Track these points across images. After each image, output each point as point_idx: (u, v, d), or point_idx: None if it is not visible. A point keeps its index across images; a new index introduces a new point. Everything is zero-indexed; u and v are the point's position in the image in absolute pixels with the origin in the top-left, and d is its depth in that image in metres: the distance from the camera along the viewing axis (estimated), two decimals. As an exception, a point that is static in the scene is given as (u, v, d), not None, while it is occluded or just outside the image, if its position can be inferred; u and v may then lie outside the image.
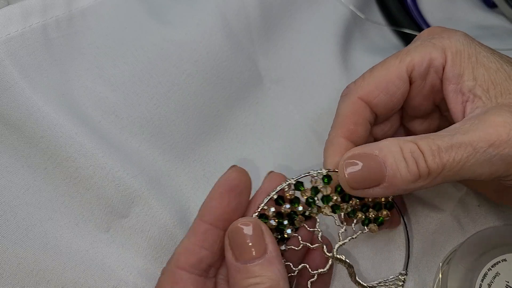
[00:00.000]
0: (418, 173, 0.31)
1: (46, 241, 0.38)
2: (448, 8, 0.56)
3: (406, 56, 0.36)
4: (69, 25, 0.42)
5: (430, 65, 0.36)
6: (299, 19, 0.50)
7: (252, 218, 0.34)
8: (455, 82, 0.35)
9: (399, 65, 0.36)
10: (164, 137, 0.43)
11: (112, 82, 0.42)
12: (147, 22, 0.44)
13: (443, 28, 0.38)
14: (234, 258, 0.32)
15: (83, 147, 0.38)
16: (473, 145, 0.30)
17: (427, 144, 0.31)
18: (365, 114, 0.37)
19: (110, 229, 0.40)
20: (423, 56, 0.36)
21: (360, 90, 0.37)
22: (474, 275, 0.38)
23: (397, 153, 0.31)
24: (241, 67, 0.46)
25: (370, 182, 0.32)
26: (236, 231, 0.32)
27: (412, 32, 0.53)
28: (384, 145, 0.32)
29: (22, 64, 0.39)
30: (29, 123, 0.38)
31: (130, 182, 0.39)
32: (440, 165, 0.31)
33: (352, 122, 0.37)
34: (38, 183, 0.39)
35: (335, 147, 0.36)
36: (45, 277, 0.37)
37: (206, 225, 0.34)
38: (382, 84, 0.36)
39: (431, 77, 0.36)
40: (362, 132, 0.37)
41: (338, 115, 0.38)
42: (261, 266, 0.31)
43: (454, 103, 0.35)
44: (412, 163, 0.31)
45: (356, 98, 0.37)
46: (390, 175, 0.31)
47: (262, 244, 0.32)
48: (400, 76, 0.36)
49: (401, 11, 0.54)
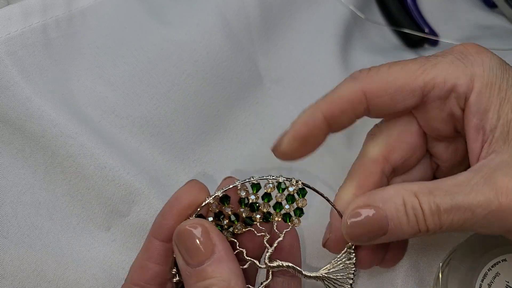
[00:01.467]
0: (418, 229, 0.31)
1: (47, 241, 0.38)
2: (448, 8, 0.56)
3: (430, 69, 0.33)
4: (69, 25, 0.42)
5: (453, 89, 0.33)
6: (299, 19, 0.50)
7: (197, 219, 0.32)
8: (479, 118, 0.32)
9: (419, 77, 0.33)
10: (164, 137, 0.43)
11: (112, 82, 0.42)
12: (147, 22, 0.45)
13: (478, 49, 0.34)
14: (185, 262, 0.31)
15: (83, 147, 0.38)
16: (472, 210, 0.30)
17: (427, 202, 0.31)
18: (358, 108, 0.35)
19: (111, 228, 0.40)
20: (448, 78, 0.33)
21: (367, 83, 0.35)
22: (474, 275, 0.38)
23: (400, 207, 0.31)
24: (241, 67, 0.46)
25: (373, 234, 0.32)
26: (183, 234, 0.31)
27: (412, 32, 0.53)
28: (388, 196, 0.32)
29: (22, 64, 0.39)
30: (29, 122, 0.38)
31: (130, 181, 0.39)
32: (438, 226, 0.31)
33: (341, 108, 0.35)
34: (39, 183, 0.39)
35: (308, 119, 0.35)
36: (46, 277, 0.37)
37: (158, 241, 0.33)
38: (391, 88, 0.34)
39: (451, 102, 0.34)
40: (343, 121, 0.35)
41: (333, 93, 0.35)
42: (211, 267, 0.30)
43: (473, 141, 0.33)
44: (413, 219, 0.31)
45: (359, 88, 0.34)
46: (392, 228, 0.31)
47: (209, 244, 0.31)
48: (413, 90, 0.34)
49: (401, 11, 0.54)
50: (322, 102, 0.35)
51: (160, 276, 0.33)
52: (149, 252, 0.33)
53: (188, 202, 0.33)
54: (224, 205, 0.33)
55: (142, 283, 0.33)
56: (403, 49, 0.54)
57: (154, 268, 0.33)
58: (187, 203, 0.33)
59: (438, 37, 0.54)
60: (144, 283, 0.33)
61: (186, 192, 0.33)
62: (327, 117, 0.35)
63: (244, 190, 0.33)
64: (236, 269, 0.31)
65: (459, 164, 0.37)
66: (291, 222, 0.35)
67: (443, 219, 0.30)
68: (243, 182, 0.33)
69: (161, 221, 0.33)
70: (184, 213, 0.33)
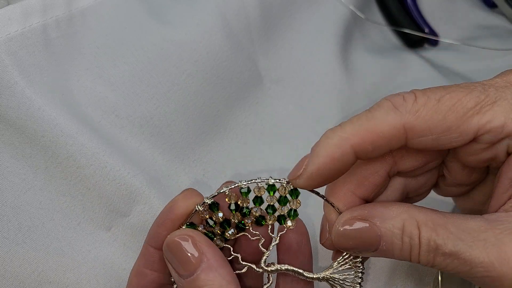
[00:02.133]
0: (409, 257, 0.30)
1: (48, 242, 0.38)
2: (448, 8, 0.56)
3: (489, 109, 0.29)
4: (69, 25, 0.42)
5: (508, 136, 0.29)
6: (299, 19, 0.50)
7: (183, 230, 0.32)
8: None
9: (473, 116, 0.29)
10: (164, 137, 0.43)
11: (112, 82, 0.42)
12: (147, 22, 0.44)
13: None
14: (177, 274, 0.31)
15: (84, 147, 0.38)
16: (472, 266, 0.28)
17: (427, 238, 0.29)
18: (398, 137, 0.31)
19: (111, 228, 0.40)
20: (508, 124, 0.29)
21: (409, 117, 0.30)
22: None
23: (397, 231, 0.29)
24: (241, 67, 0.46)
25: (361, 248, 0.31)
26: (170, 246, 0.31)
27: (412, 32, 0.53)
28: (389, 216, 0.30)
29: (22, 64, 0.39)
30: (30, 122, 0.38)
31: (131, 181, 0.39)
32: (431, 263, 0.29)
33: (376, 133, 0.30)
34: (39, 183, 0.39)
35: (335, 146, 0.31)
36: (47, 277, 0.37)
37: (153, 249, 0.33)
38: (437, 128, 0.29)
39: (500, 146, 0.30)
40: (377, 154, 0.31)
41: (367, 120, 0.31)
42: (202, 275, 0.30)
43: (503, 190, 0.30)
44: (406, 247, 0.29)
45: (401, 123, 0.30)
46: (383, 248, 0.30)
47: (197, 253, 0.31)
48: (463, 133, 0.29)
49: (401, 11, 0.54)
50: (352, 131, 0.30)
51: (156, 282, 0.33)
52: (146, 259, 0.33)
53: (181, 211, 0.32)
54: (214, 212, 0.33)
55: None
56: (403, 49, 0.54)
57: (151, 274, 0.33)
58: (181, 212, 0.32)
59: (438, 37, 0.54)
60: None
61: (180, 201, 0.33)
62: (356, 150, 0.30)
63: (233, 196, 0.33)
64: (227, 274, 0.30)
65: (466, 185, 0.35)
66: (286, 224, 0.34)
67: (438, 260, 0.29)
68: (231, 187, 0.33)
69: (156, 230, 0.33)
70: (176, 222, 0.32)
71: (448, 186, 0.35)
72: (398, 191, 0.35)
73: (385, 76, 0.51)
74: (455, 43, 0.53)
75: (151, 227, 0.33)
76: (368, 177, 0.33)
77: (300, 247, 0.34)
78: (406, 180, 0.35)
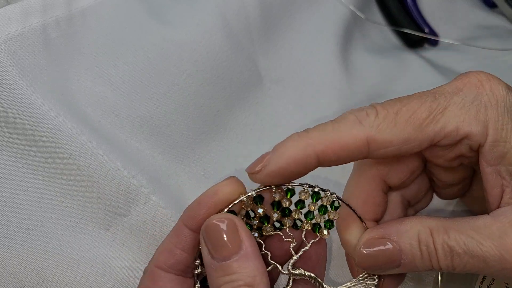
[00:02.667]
0: (431, 265, 0.31)
1: (47, 241, 0.38)
2: (448, 8, 0.56)
3: (440, 117, 0.31)
4: (69, 25, 0.42)
5: (465, 137, 0.31)
6: (299, 19, 0.50)
7: (227, 214, 0.32)
8: (494, 164, 0.31)
9: (427, 126, 0.31)
10: (164, 137, 0.43)
11: (112, 82, 0.42)
12: (147, 22, 0.44)
13: (492, 84, 0.32)
14: (210, 256, 0.31)
15: (83, 147, 0.38)
16: (487, 262, 0.29)
17: (441, 242, 0.30)
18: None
19: (110, 227, 0.40)
20: (460, 126, 0.31)
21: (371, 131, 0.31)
22: (474, 276, 0.38)
23: (414, 242, 0.31)
24: (241, 67, 0.46)
25: (386, 266, 0.32)
26: (210, 227, 0.31)
27: (412, 32, 0.53)
28: (404, 230, 0.32)
29: (21, 64, 0.39)
30: (29, 122, 0.38)
31: (130, 180, 0.39)
32: (451, 267, 0.30)
33: None
34: (39, 183, 0.39)
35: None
36: (46, 276, 0.37)
37: (187, 229, 0.33)
38: (397, 140, 0.31)
39: (462, 147, 0.32)
40: None
41: None
42: (237, 263, 0.30)
43: (492, 185, 0.31)
44: (426, 256, 0.31)
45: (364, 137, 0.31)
46: (406, 262, 0.31)
47: (237, 240, 0.31)
48: (421, 142, 0.31)
49: (401, 11, 0.54)
50: (318, 139, 0.32)
51: (184, 263, 0.33)
52: (178, 238, 0.33)
53: (225, 197, 0.33)
54: (257, 205, 0.33)
55: (165, 267, 0.33)
56: (403, 49, 0.54)
57: (181, 255, 0.33)
58: (224, 198, 0.33)
59: (438, 37, 0.54)
60: (168, 268, 0.33)
61: (226, 187, 0.33)
62: (319, 156, 0.32)
63: (278, 193, 0.33)
64: (261, 267, 0.31)
65: (458, 184, 0.37)
66: (320, 233, 0.35)
67: (456, 262, 0.30)
68: (279, 185, 0.33)
69: (195, 211, 0.33)
70: (218, 207, 0.33)
71: (443, 189, 0.37)
72: (399, 203, 0.36)
73: (385, 76, 0.51)
74: (455, 43, 0.53)
75: (189, 207, 0.34)
76: (368, 200, 0.35)
77: (318, 259, 0.36)
78: (401, 191, 0.36)
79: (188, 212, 0.33)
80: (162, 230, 0.40)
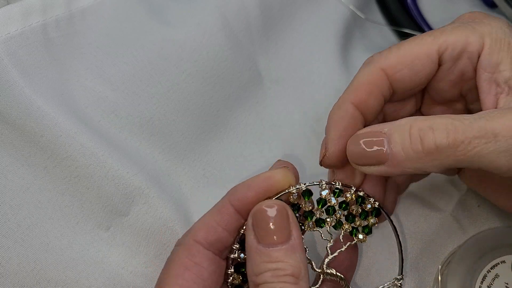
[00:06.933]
0: (421, 150, 0.30)
1: (47, 240, 0.38)
2: (448, 8, 0.56)
3: (440, 35, 0.34)
4: (69, 25, 0.42)
5: (465, 49, 0.33)
6: (299, 19, 0.50)
7: (280, 201, 0.32)
8: (490, 71, 0.33)
9: (431, 43, 0.34)
10: (164, 136, 0.43)
11: (112, 82, 0.42)
12: (147, 22, 0.44)
13: (485, 14, 0.35)
14: (256, 240, 0.31)
15: (83, 146, 0.38)
16: (495, 132, 0.28)
17: (443, 122, 0.30)
18: (382, 87, 0.35)
19: (110, 227, 0.40)
20: (459, 38, 0.33)
21: (383, 61, 0.35)
22: (474, 277, 0.38)
23: (405, 130, 0.30)
24: (241, 67, 0.46)
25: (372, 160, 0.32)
26: (262, 212, 0.31)
27: (412, 32, 0.53)
28: (397, 123, 0.31)
29: (21, 64, 0.39)
30: (29, 122, 0.38)
31: (130, 180, 0.39)
32: (452, 144, 0.29)
33: (366, 91, 0.34)
34: (38, 182, 0.39)
35: (342, 112, 0.35)
36: (45, 276, 0.37)
37: (233, 209, 0.33)
38: (408, 59, 0.34)
39: (463, 62, 0.34)
40: (374, 104, 0.35)
41: (354, 80, 0.35)
42: (285, 252, 0.30)
43: (487, 93, 0.33)
44: (416, 140, 0.30)
45: (378, 68, 0.34)
46: (393, 153, 0.30)
47: (287, 229, 0.31)
48: (429, 55, 0.34)
49: (401, 11, 0.54)
50: (347, 92, 0.35)
51: (223, 243, 0.33)
52: (221, 216, 0.33)
53: (276, 183, 0.33)
54: (305, 199, 0.34)
55: (205, 243, 0.33)
56: (403, 49, 0.54)
57: (222, 232, 0.33)
58: (275, 184, 0.33)
59: (438, 37, 0.53)
60: (207, 244, 0.33)
61: (278, 174, 0.33)
62: (357, 105, 0.34)
63: (327, 190, 0.34)
64: (305, 260, 0.31)
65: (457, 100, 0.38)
66: (357, 237, 0.35)
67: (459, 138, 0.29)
68: (328, 182, 0.34)
69: (245, 193, 0.33)
70: (268, 192, 0.33)
71: None
72: None
73: (385, 76, 0.51)
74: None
75: (237, 188, 0.34)
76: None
77: (349, 265, 0.36)
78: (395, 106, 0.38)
79: (236, 192, 0.33)
80: (162, 230, 0.40)
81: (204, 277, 0.32)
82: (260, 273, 0.30)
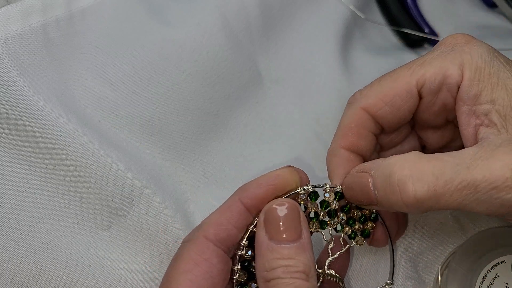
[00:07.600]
0: (401, 201, 0.30)
1: (47, 241, 0.38)
2: (448, 8, 0.56)
3: (419, 69, 0.34)
4: (69, 25, 0.42)
5: (444, 81, 0.33)
6: (299, 19, 0.50)
7: (292, 200, 0.33)
8: (470, 104, 0.32)
9: (409, 78, 0.34)
10: (164, 136, 0.43)
11: (112, 82, 0.42)
12: (147, 22, 0.44)
13: (467, 38, 0.34)
14: (268, 237, 0.31)
15: (83, 146, 0.38)
16: (475, 184, 0.28)
17: (425, 171, 0.30)
18: (369, 126, 0.35)
19: (110, 227, 0.40)
20: (437, 71, 0.33)
21: (364, 100, 0.35)
22: (474, 277, 0.38)
23: (385, 176, 0.31)
24: (241, 67, 0.46)
25: (363, 199, 0.33)
26: (275, 210, 0.32)
27: (412, 32, 0.53)
28: (381, 165, 0.32)
29: (21, 64, 0.39)
30: (29, 122, 0.38)
31: (130, 180, 0.39)
32: (433, 196, 0.29)
33: (355, 133, 0.35)
34: (38, 182, 0.39)
35: (338, 159, 0.36)
36: (45, 276, 0.37)
37: (243, 206, 0.33)
38: (387, 97, 0.34)
39: (443, 94, 0.34)
40: (365, 143, 0.36)
41: (341, 125, 0.36)
42: (296, 250, 0.31)
43: (466, 125, 0.32)
44: (395, 190, 0.30)
45: (359, 108, 0.35)
46: (379, 199, 0.32)
47: (298, 228, 0.31)
48: (409, 90, 0.34)
49: (401, 11, 0.54)
50: (337, 137, 0.36)
51: (232, 240, 0.33)
52: (231, 214, 0.33)
53: (284, 181, 0.33)
54: (311, 201, 0.34)
55: (214, 240, 0.33)
56: (403, 49, 0.54)
57: (232, 230, 0.33)
58: (284, 182, 0.33)
59: (438, 37, 0.54)
60: (217, 241, 0.33)
61: (286, 173, 0.34)
62: (349, 149, 0.35)
63: (330, 193, 0.35)
64: (314, 259, 0.32)
65: (445, 146, 0.38)
66: (355, 240, 0.36)
67: (439, 190, 0.29)
68: (331, 186, 0.35)
69: (255, 191, 0.33)
70: (277, 190, 0.33)
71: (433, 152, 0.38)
72: None
73: (385, 76, 0.51)
74: (455, 43, 0.52)
75: (246, 187, 0.34)
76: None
77: (341, 268, 0.37)
78: (392, 152, 0.38)
79: (246, 190, 0.34)
80: (162, 230, 0.40)
81: (213, 273, 0.32)
82: (271, 269, 0.31)
